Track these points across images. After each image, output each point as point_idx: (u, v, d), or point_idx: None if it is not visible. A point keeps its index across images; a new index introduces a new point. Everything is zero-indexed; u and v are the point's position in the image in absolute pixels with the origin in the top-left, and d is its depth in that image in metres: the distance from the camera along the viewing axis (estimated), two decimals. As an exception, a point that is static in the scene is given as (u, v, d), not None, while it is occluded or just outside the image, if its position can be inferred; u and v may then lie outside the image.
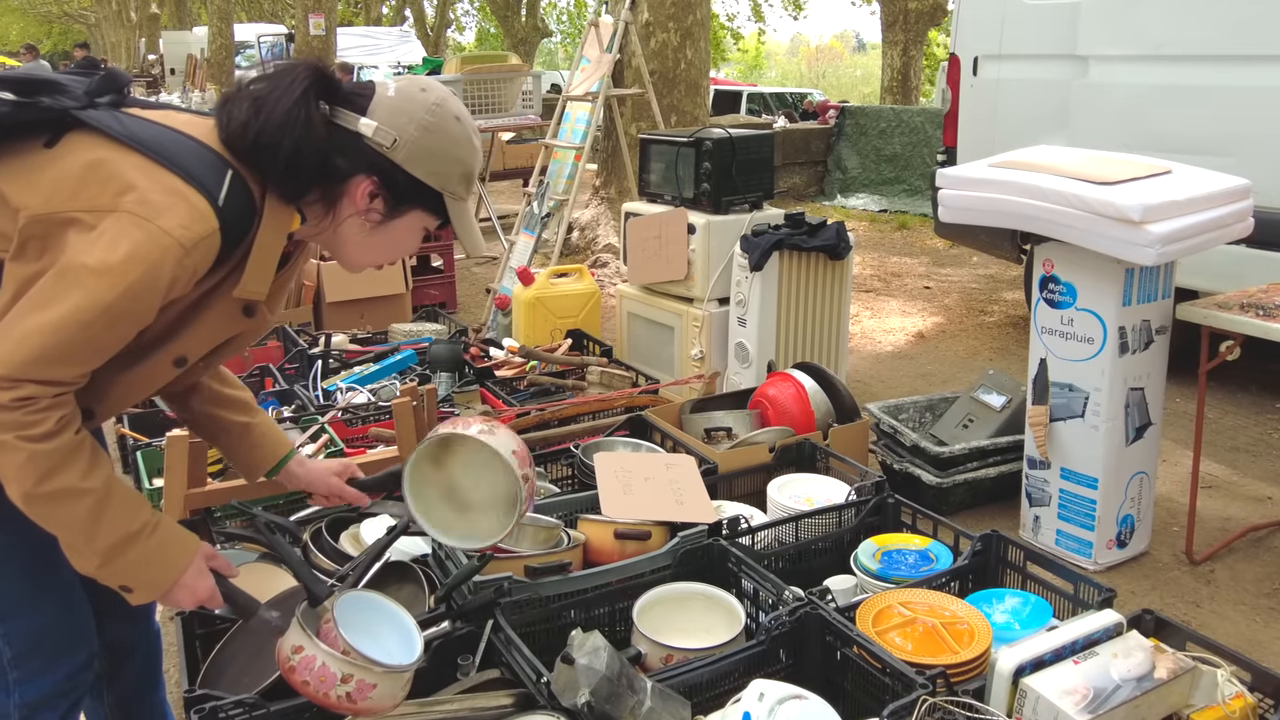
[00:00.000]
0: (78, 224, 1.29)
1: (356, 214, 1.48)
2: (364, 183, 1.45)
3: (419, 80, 1.52)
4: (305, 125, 1.38)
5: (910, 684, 1.74)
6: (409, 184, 1.47)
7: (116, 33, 34.40)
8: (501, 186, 10.51)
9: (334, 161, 1.43)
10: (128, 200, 1.29)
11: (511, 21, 22.85)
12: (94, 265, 1.26)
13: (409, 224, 1.53)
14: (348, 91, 1.47)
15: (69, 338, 1.26)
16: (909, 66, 15.37)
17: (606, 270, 6.61)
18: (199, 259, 1.32)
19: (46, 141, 1.35)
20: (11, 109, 1.34)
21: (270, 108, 1.37)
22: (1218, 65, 4.14)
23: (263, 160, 1.38)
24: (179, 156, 1.35)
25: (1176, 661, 1.78)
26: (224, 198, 1.34)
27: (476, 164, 1.54)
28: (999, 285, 6.70)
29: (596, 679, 1.66)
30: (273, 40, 19.94)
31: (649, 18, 6.84)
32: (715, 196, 4.08)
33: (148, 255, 1.27)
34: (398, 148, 1.44)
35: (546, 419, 3.39)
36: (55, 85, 1.39)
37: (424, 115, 1.45)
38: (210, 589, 1.49)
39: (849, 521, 2.55)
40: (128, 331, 1.32)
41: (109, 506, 1.35)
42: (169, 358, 1.44)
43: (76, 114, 1.36)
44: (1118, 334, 2.77)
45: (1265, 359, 4.36)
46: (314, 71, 1.42)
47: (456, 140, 1.49)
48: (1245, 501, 3.42)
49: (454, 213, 1.52)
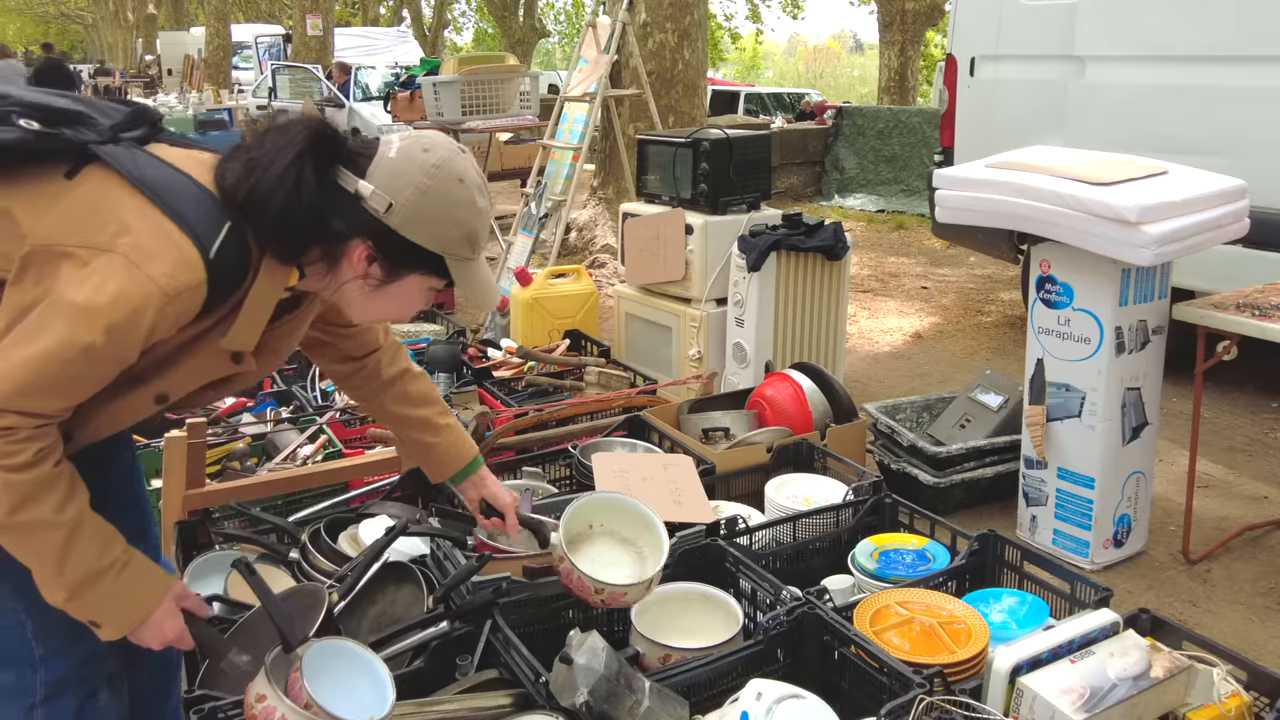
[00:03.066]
0: (72, 258, 1.30)
1: (356, 277, 1.46)
2: (360, 247, 1.43)
3: (424, 138, 1.48)
4: (296, 189, 1.36)
5: (908, 683, 1.74)
6: (406, 248, 1.44)
7: (114, 33, 34.37)
8: (499, 187, 10.51)
9: (331, 224, 1.42)
10: (122, 242, 1.30)
11: (509, 22, 22.86)
12: (80, 303, 1.27)
13: (412, 285, 1.50)
14: (351, 150, 1.45)
15: (51, 372, 1.28)
16: (906, 67, 15.39)
17: (604, 271, 6.62)
18: (182, 308, 1.33)
19: (67, 172, 1.37)
20: (35, 138, 1.36)
21: (262, 169, 1.36)
22: (1214, 66, 4.15)
23: (254, 221, 1.38)
24: (180, 203, 1.35)
25: (1173, 660, 1.79)
26: (216, 249, 1.34)
27: (481, 225, 1.49)
28: (996, 285, 6.71)
29: (595, 679, 1.67)
30: (270, 41, 19.92)
31: (646, 18, 6.85)
32: (713, 197, 4.08)
33: (131, 299, 1.28)
34: (393, 212, 1.40)
35: (544, 419, 3.39)
36: (81, 117, 1.41)
37: (421, 178, 1.41)
38: (178, 630, 1.49)
39: (846, 521, 2.56)
40: (109, 371, 1.34)
41: (79, 541, 1.35)
42: (150, 394, 1.44)
43: (96, 149, 1.38)
44: (1114, 334, 2.78)
45: (1261, 359, 4.37)
46: (311, 134, 1.40)
47: (457, 203, 1.44)
48: (1242, 501, 3.43)
49: (457, 274, 1.49)
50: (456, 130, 7.15)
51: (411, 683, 1.89)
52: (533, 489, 2.71)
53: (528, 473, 2.90)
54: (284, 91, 14.82)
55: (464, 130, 7.16)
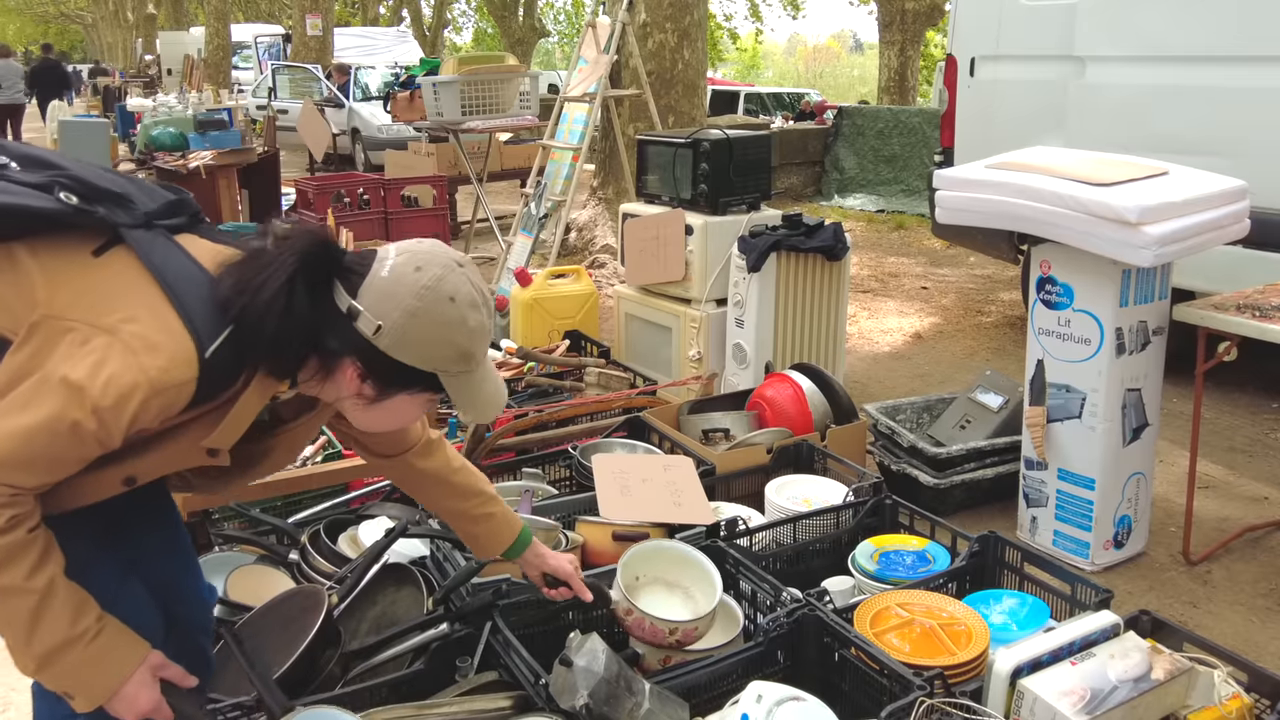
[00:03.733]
0: (75, 333, 1.32)
1: (351, 394, 1.46)
2: (351, 366, 1.43)
3: (418, 254, 1.45)
4: (287, 312, 1.36)
5: (908, 685, 1.74)
6: (396, 369, 1.43)
7: (113, 33, 34.38)
8: (499, 187, 10.52)
9: (325, 341, 1.42)
10: (126, 329, 1.32)
11: (509, 22, 22.86)
12: (74, 381, 1.28)
13: (406, 402, 1.49)
14: (347, 264, 1.44)
15: (36, 447, 1.29)
16: (906, 67, 15.40)
17: (604, 271, 6.61)
18: (168, 402, 1.34)
19: (96, 249, 1.40)
20: (71, 212, 1.39)
21: (254, 292, 1.36)
22: (1215, 66, 4.15)
23: (248, 340, 1.38)
24: (190, 298, 1.37)
25: (1173, 662, 1.79)
26: (213, 350, 1.35)
27: (475, 342, 1.46)
28: (996, 286, 6.71)
29: (595, 681, 1.66)
30: (270, 41, 19.93)
31: (646, 18, 6.85)
32: (712, 197, 4.08)
33: (122, 386, 1.29)
34: (382, 334, 1.39)
35: (544, 420, 3.39)
36: (120, 199, 1.43)
37: (411, 300, 1.39)
38: (153, 701, 1.46)
39: (847, 523, 2.56)
40: (91, 452, 1.34)
41: (50, 608, 1.34)
42: (120, 474, 1.44)
43: (126, 232, 1.41)
44: (1115, 335, 2.78)
45: (1262, 359, 4.37)
46: (303, 253, 1.39)
47: (448, 323, 1.42)
48: (1242, 502, 3.43)
49: (452, 389, 1.47)
50: (456, 130, 7.16)
51: (411, 684, 1.89)
52: (532, 490, 2.71)
53: (527, 474, 2.90)
54: (284, 91, 14.83)
55: (464, 130, 7.16)
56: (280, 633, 1.88)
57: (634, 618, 1.95)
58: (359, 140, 12.98)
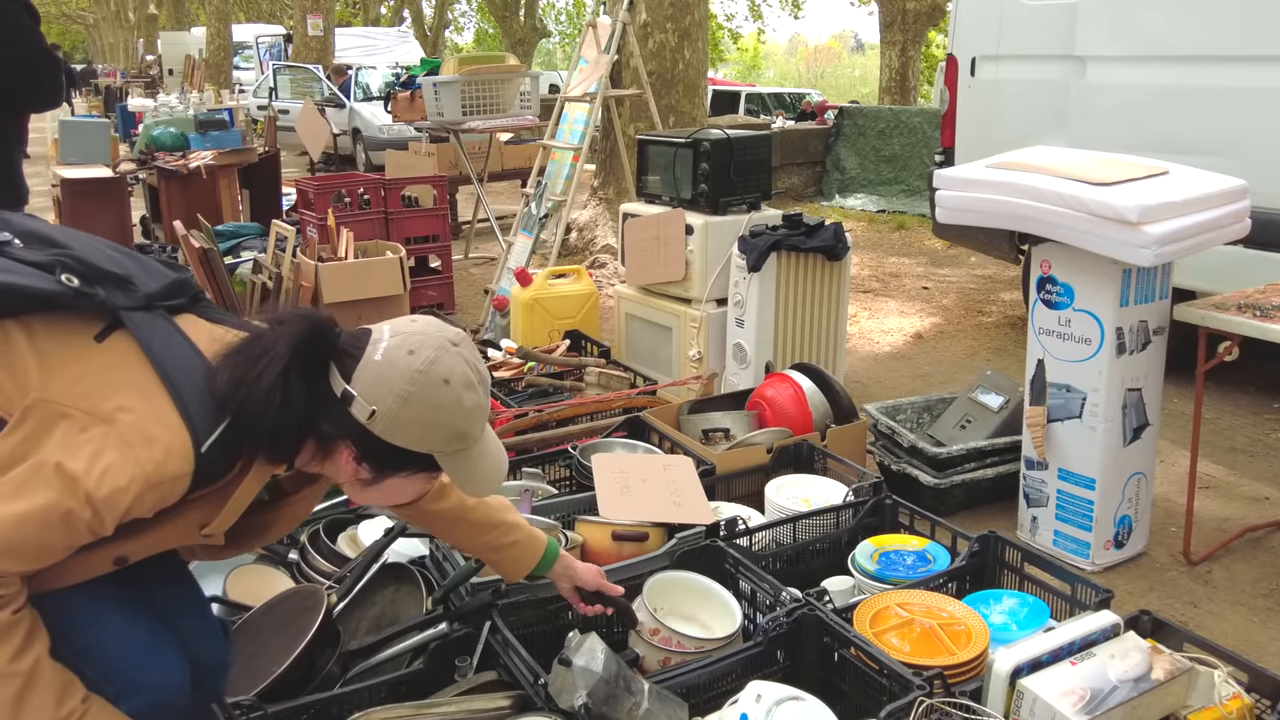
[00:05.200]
0: (71, 420, 1.31)
1: (347, 476, 1.47)
2: (346, 450, 1.43)
3: (411, 336, 1.44)
4: (283, 404, 1.36)
5: (907, 685, 1.74)
6: (390, 452, 1.43)
7: (114, 33, 34.40)
8: (499, 187, 10.52)
9: (320, 426, 1.42)
10: (123, 419, 1.32)
11: (509, 22, 22.87)
12: (69, 470, 1.28)
13: (403, 481, 1.50)
14: (342, 346, 1.44)
15: (27, 535, 1.28)
16: (907, 67, 15.39)
17: (604, 271, 6.61)
18: (162, 495, 1.34)
19: (98, 334, 1.39)
20: (72, 295, 1.38)
21: (249, 385, 1.35)
22: (1215, 66, 4.14)
23: (245, 433, 1.38)
24: (188, 389, 1.36)
25: (1174, 662, 1.79)
26: (210, 444, 1.35)
27: (472, 421, 1.46)
28: (997, 286, 6.70)
29: (594, 681, 1.66)
30: (271, 41, 19.93)
31: (647, 18, 6.85)
32: (713, 197, 4.08)
33: (117, 478, 1.29)
34: (376, 420, 1.39)
35: (544, 420, 3.39)
36: (120, 281, 1.42)
37: (404, 385, 1.39)
38: None
39: (847, 522, 2.55)
40: (81, 540, 1.33)
41: (34, 691, 1.32)
42: (110, 555, 1.43)
43: (125, 315, 1.39)
44: (1115, 335, 2.77)
45: (1263, 359, 4.37)
46: (296, 342, 1.39)
47: (442, 406, 1.41)
48: (1243, 502, 3.42)
49: (448, 468, 1.48)
50: (457, 130, 7.16)
51: (410, 684, 1.89)
52: (532, 490, 2.71)
53: (527, 473, 2.90)
54: (284, 92, 14.83)
55: (464, 130, 7.16)
56: (279, 632, 1.88)
57: (663, 635, 1.98)
58: (360, 140, 12.98)
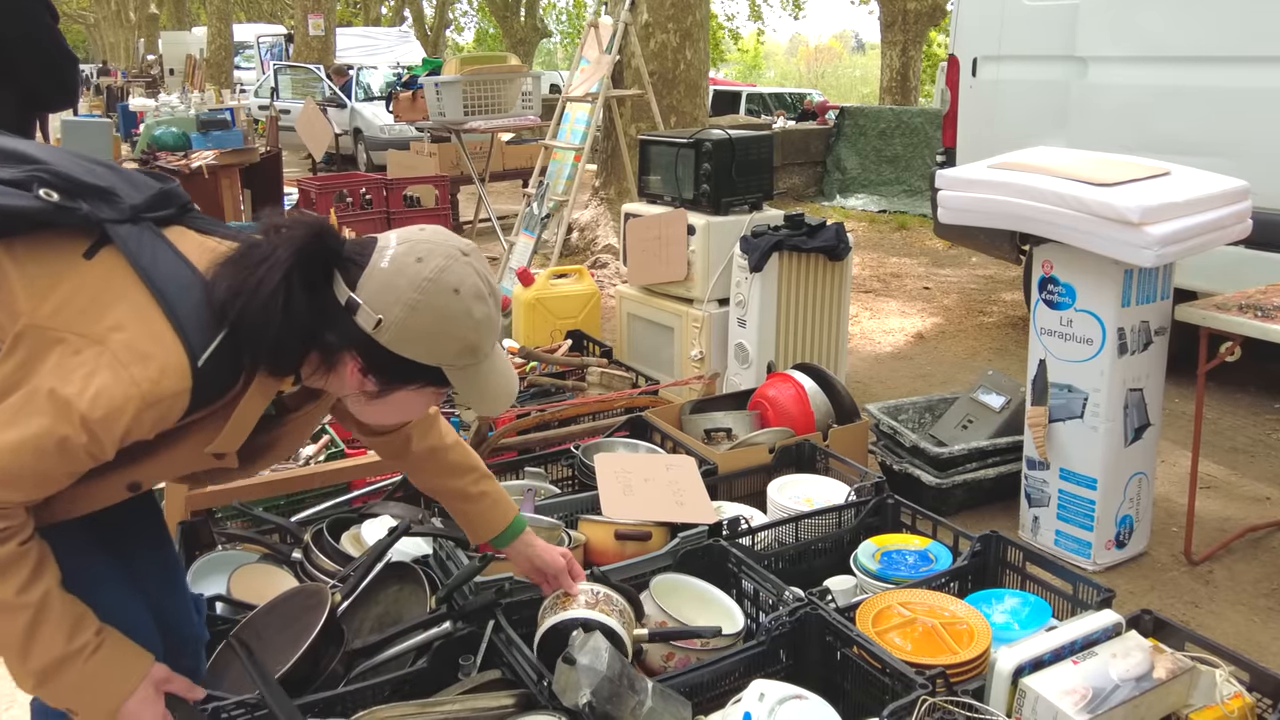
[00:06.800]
0: (64, 344, 1.27)
1: (353, 388, 1.42)
2: (352, 361, 1.37)
3: (420, 243, 1.38)
4: (285, 312, 1.30)
5: (910, 684, 1.75)
6: (398, 364, 1.37)
7: (115, 33, 34.40)
8: (501, 187, 10.52)
9: (324, 336, 1.36)
10: (115, 338, 1.27)
11: (511, 22, 22.88)
12: (62, 395, 1.24)
13: (411, 395, 1.44)
14: (347, 253, 1.38)
15: (24, 462, 1.25)
16: (908, 67, 15.39)
17: (606, 271, 6.62)
18: (160, 414, 1.30)
19: (87, 251, 1.33)
20: (52, 210, 1.31)
21: (250, 292, 1.30)
22: (1217, 66, 4.15)
23: (246, 342, 1.33)
24: (181, 303, 1.31)
25: (1175, 662, 1.79)
26: (206, 358, 1.30)
27: (483, 334, 1.40)
28: (998, 286, 6.71)
29: (597, 679, 1.67)
30: (272, 41, 19.94)
31: (648, 19, 6.85)
32: (715, 197, 4.08)
33: (113, 399, 1.25)
34: (383, 329, 1.33)
35: (546, 420, 3.39)
36: (105, 193, 1.36)
37: (412, 294, 1.33)
38: (157, 718, 1.41)
39: (849, 522, 2.56)
40: (82, 466, 1.30)
41: (45, 624, 1.30)
42: (123, 481, 1.41)
43: (111, 229, 1.33)
44: (1116, 335, 2.78)
45: (1264, 360, 4.37)
46: (299, 248, 1.33)
47: (452, 316, 1.35)
48: (1244, 502, 3.43)
49: (458, 383, 1.42)
50: (458, 130, 7.16)
51: (414, 683, 1.89)
52: (535, 489, 2.72)
53: (530, 473, 2.90)
54: (286, 91, 14.84)
55: (466, 130, 7.17)
56: (283, 631, 1.88)
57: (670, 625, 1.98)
58: (361, 140, 12.99)
